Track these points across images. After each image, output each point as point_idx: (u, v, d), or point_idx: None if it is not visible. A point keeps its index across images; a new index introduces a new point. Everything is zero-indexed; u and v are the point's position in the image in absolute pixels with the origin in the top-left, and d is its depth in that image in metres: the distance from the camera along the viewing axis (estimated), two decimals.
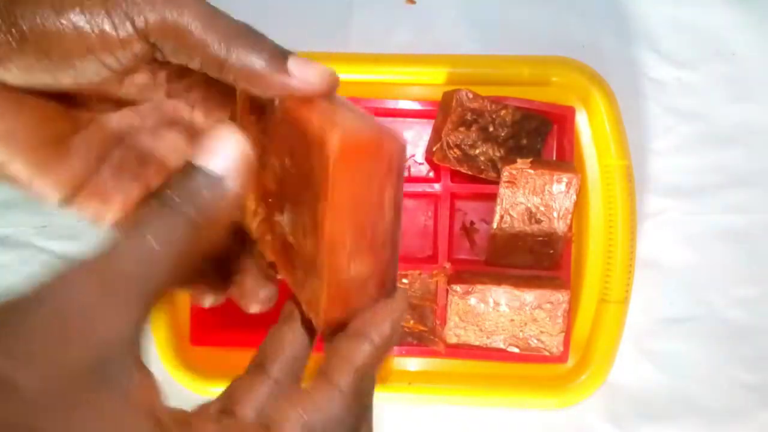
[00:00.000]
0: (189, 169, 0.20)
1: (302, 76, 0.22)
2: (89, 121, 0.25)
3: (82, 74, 0.22)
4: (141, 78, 0.25)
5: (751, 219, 0.53)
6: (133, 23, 0.21)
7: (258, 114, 0.25)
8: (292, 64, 0.22)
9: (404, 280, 0.49)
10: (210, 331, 0.51)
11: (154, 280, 0.18)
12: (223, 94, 0.27)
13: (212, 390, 0.50)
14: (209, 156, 0.20)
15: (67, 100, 0.24)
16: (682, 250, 0.53)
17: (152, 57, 0.22)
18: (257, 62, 0.22)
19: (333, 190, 0.20)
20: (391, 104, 0.50)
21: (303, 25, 0.54)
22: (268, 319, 0.28)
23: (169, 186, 0.19)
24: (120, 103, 0.26)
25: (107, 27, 0.21)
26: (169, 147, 0.27)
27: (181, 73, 0.26)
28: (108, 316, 0.17)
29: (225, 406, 0.22)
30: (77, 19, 0.20)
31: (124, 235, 0.18)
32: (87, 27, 0.21)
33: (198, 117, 0.28)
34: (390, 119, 0.53)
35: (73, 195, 0.24)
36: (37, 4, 0.20)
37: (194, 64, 0.22)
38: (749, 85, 0.54)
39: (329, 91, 0.23)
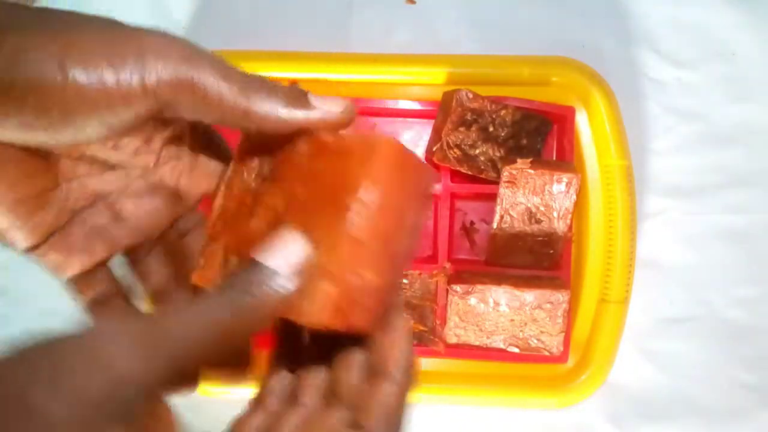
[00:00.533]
0: (250, 263, 0.21)
1: (325, 107, 0.23)
2: (72, 179, 0.25)
3: (81, 133, 0.21)
4: (135, 143, 0.25)
5: (751, 219, 0.53)
6: (142, 81, 0.20)
7: (261, 157, 0.25)
8: (312, 98, 0.23)
9: (404, 280, 0.49)
10: None
11: (187, 345, 0.19)
12: (209, 163, 0.28)
13: (212, 390, 0.50)
14: (270, 254, 0.21)
15: (53, 158, 0.24)
16: (682, 250, 0.53)
17: (158, 115, 0.22)
18: (280, 103, 0.22)
19: (370, 184, 0.21)
20: (391, 104, 0.50)
21: (303, 25, 0.54)
22: None
23: (230, 277, 0.21)
24: (108, 166, 0.26)
25: (112, 84, 0.20)
26: (149, 212, 0.27)
27: (172, 141, 0.26)
28: (132, 362, 0.18)
29: None
30: (82, 76, 0.20)
31: (176, 306, 0.20)
32: (92, 85, 0.20)
33: (184, 184, 0.28)
34: (390, 119, 0.53)
35: (39, 245, 0.25)
36: (41, 60, 0.20)
37: (209, 119, 0.23)
38: (749, 85, 0.54)
39: (351, 120, 0.23)
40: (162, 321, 0.19)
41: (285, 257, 0.21)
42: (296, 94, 0.23)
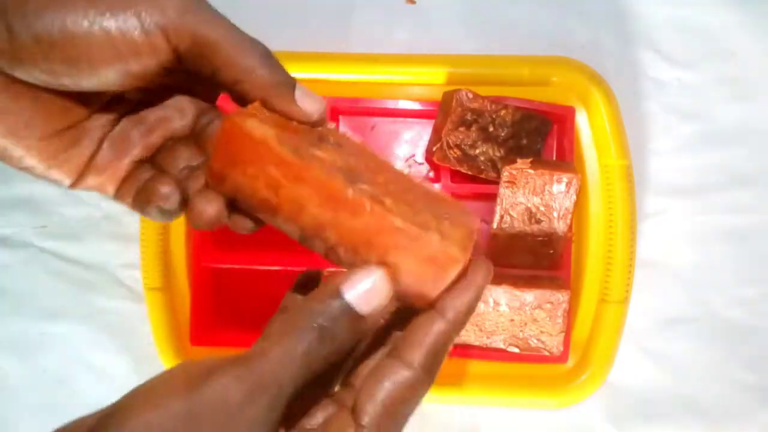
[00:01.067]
0: (335, 295, 0.22)
1: (304, 107, 0.25)
2: (104, 106, 0.26)
3: (104, 81, 0.23)
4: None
5: (751, 219, 0.53)
6: (164, 31, 0.22)
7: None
8: (297, 93, 0.25)
9: None
10: (210, 331, 0.51)
11: (292, 386, 0.21)
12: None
13: None
14: (356, 291, 0.22)
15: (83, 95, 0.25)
16: (682, 250, 0.53)
17: (178, 65, 0.24)
18: (273, 85, 0.24)
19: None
20: (391, 104, 0.50)
21: (303, 25, 0.54)
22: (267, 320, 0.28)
23: (317, 305, 0.22)
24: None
25: (137, 33, 0.22)
26: (172, 116, 0.28)
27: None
28: (251, 415, 0.20)
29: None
30: (108, 24, 0.22)
31: (271, 341, 0.21)
32: (118, 33, 0.22)
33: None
34: (390, 119, 0.53)
35: (80, 177, 0.26)
36: (67, 9, 0.21)
37: (208, 73, 0.24)
38: (749, 84, 0.54)
39: (321, 121, 0.26)
40: (262, 364, 0.20)
41: (369, 296, 0.22)
42: (287, 84, 0.25)
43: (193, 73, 0.24)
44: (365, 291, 0.22)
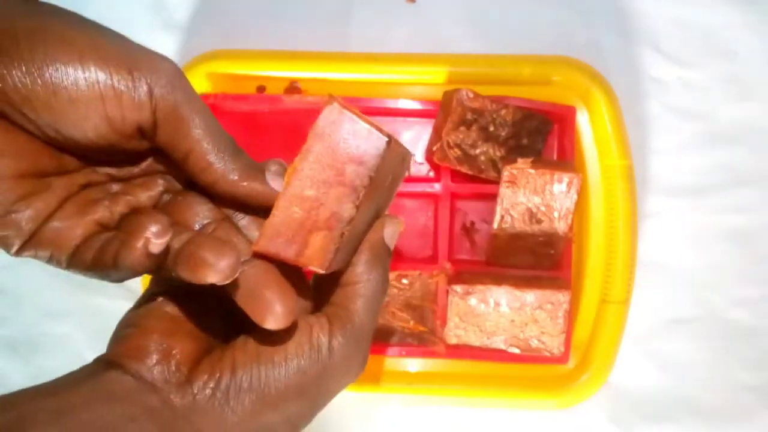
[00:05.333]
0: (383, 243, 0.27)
1: (274, 185, 0.26)
2: (78, 168, 0.26)
3: (83, 127, 0.23)
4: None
5: (752, 219, 0.53)
6: (150, 90, 0.23)
7: None
8: (269, 174, 0.26)
9: (404, 281, 0.49)
10: None
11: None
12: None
13: None
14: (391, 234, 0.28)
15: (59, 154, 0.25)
16: (684, 250, 0.53)
17: (148, 130, 0.24)
18: (238, 172, 0.25)
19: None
20: (391, 104, 0.50)
21: (303, 24, 0.54)
22: None
23: (382, 253, 0.28)
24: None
25: (125, 86, 0.22)
26: (148, 195, 0.28)
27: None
28: (358, 371, 0.27)
29: None
30: (103, 78, 0.22)
31: (357, 292, 0.26)
32: (109, 87, 0.22)
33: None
34: (390, 119, 0.53)
35: (31, 238, 0.25)
36: (62, 58, 0.22)
37: (178, 156, 0.25)
38: (751, 84, 0.53)
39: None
40: (361, 323, 0.26)
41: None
42: (254, 168, 0.26)
43: (165, 151, 0.25)
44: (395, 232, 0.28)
